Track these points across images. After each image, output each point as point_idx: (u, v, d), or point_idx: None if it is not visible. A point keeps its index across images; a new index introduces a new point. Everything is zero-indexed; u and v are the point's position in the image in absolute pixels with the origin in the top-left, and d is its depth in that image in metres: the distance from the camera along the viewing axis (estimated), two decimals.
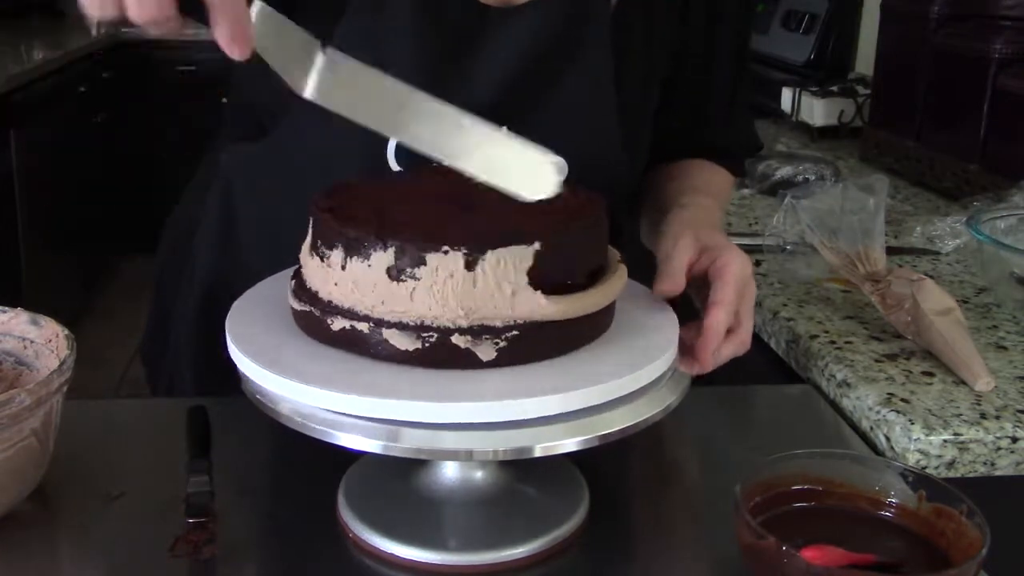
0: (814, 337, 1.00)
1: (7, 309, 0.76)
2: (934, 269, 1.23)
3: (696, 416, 0.86)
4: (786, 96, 1.96)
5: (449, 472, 0.71)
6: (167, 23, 0.52)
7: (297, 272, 0.71)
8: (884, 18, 1.70)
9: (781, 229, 1.13)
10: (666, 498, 0.79)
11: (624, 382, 0.64)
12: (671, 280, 0.77)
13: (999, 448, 0.83)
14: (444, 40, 0.83)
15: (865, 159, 1.75)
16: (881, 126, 1.72)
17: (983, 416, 0.84)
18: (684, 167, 1.01)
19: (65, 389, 0.69)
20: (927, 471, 0.80)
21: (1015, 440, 0.83)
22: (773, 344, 1.07)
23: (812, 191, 1.12)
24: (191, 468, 0.70)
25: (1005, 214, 1.13)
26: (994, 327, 1.04)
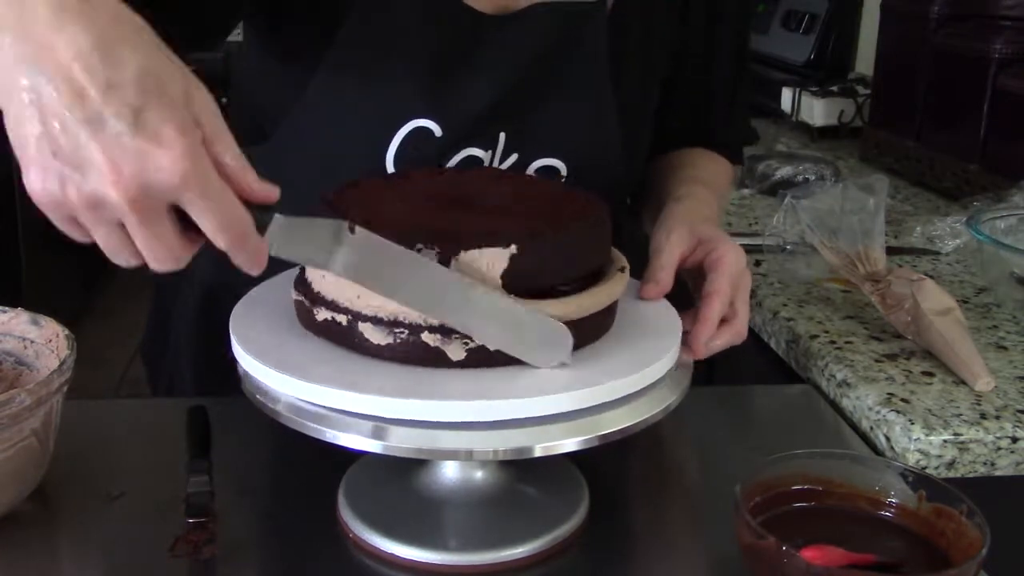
0: (814, 337, 1.00)
1: (7, 309, 0.76)
2: (934, 269, 1.23)
3: (696, 416, 0.86)
4: (786, 96, 1.96)
5: (449, 472, 0.71)
6: (184, 264, 0.57)
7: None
8: (884, 18, 1.70)
9: (781, 229, 1.13)
10: (666, 498, 0.79)
11: (625, 382, 0.64)
12: (655, 284, 0.78)
13: (999, 448, 0.83)
14: (444, 46, 0.83)
15: (865, 159, 1.75)
16: (881, 126, 1.72)
17: (983, 416, 0.84)
18: (683, 157, 1.01)
19: (65, 389, 0.69)
20: (927, 471, 0.80)
21: (1015, 440, 0.83)
22: (773, 344, 1.07)
23: (812, 191, 1.12)
24: (191, 468, 0.70)
25: (1005, 214, 1.13)
26: (994, 327, 1.04)
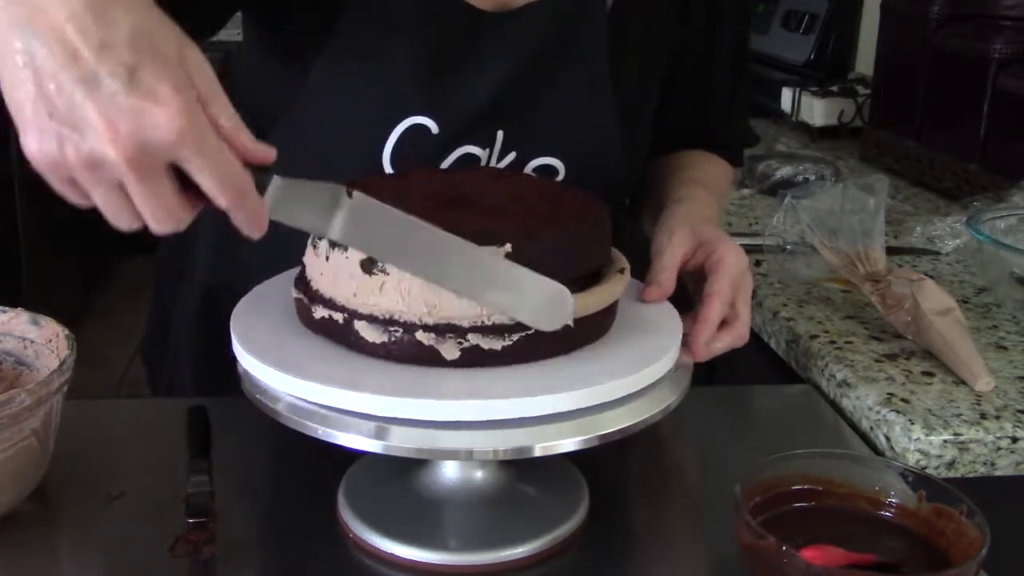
0: (814, 337, 1.00)
1: (7, 309, 0.76)
2: (934, 269, 1.23)
3: (696, 416, 0.86)
4: (786, 96, 1.96)
5: (449, 472, 0.71)
6: (185, 225, 0.56)
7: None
8: (884, 18, 1.70)
9: (781, 229, 1.13)
10: (666, 498, 0.79)
11: (625, 382, 0.64)
12: (657, 286, 0.77)
13: (999, 448, 0.83)
14: (442, 46, 0.83)
15: (865, 159, 1.75)
16: (881, 126, 1.72)
17: (983, 416, 0.84)
18: (683, 158, 1.01)
19: (65, 389, 0.69)
20: (927, 471, 0.80)
21: (1015, 440, 0.83)
22: (773, 344, 1.07)
23: (812, 191, 1.12)
24: (191, 468, 0.70)
25: (1005, 214, 1.13)
26: (994, 327, 1.04)
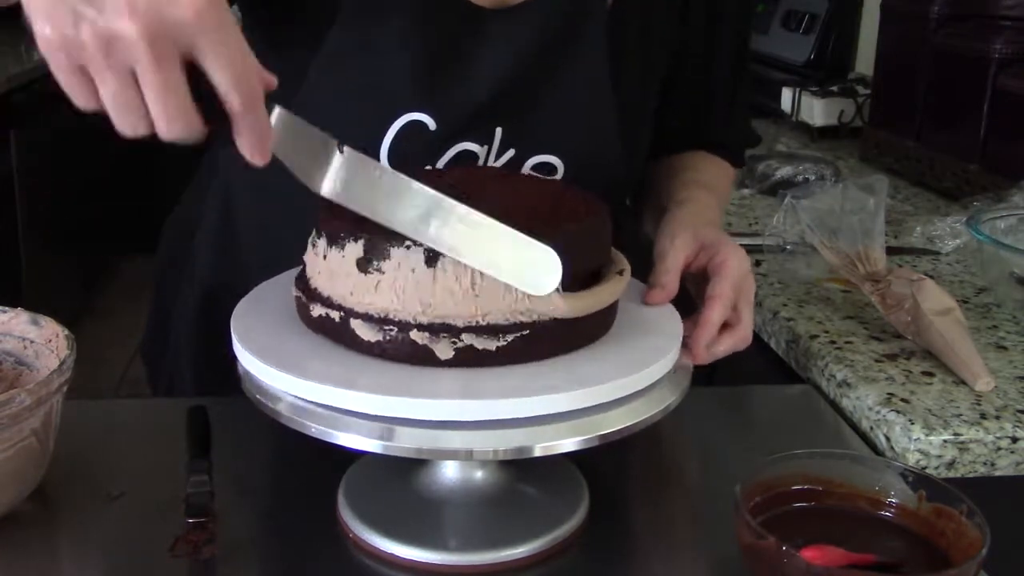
0: (814, 337, 1.00)
1: (7, 309, 0.76)
2: (934, 269, 1.23)
3: (696, 416, 0.86)
4: (786, 96, 1.96)
5: (449, 472, 0.71)
6: (194, 135, 0.54)
7: None
8: (884, 18, 1.70)
9: (781, 229, 1.13)
10: (666, 498, 0.79)
11: (625, 383, 0.64)
12: (660, 289, 0.77)
13: (999, 448, 0.83)
14: (440, 42, 0.83)
15: (865, 159, 1.75)
16: (881, 126, 1.72)
17: (983, 416, 0.84)
18: (684, 160, 1.01)
19: (65, 389, 0.69)
20: (927, 471, 0.80)
21: (1015, 440, 0.83)
22: (773, 344, 1.07)
23: (812, 191, 1.12)
24: (191, 468, 0.70)
25: (1005, 214, 1.13)
26: (994, 327, 1.04)
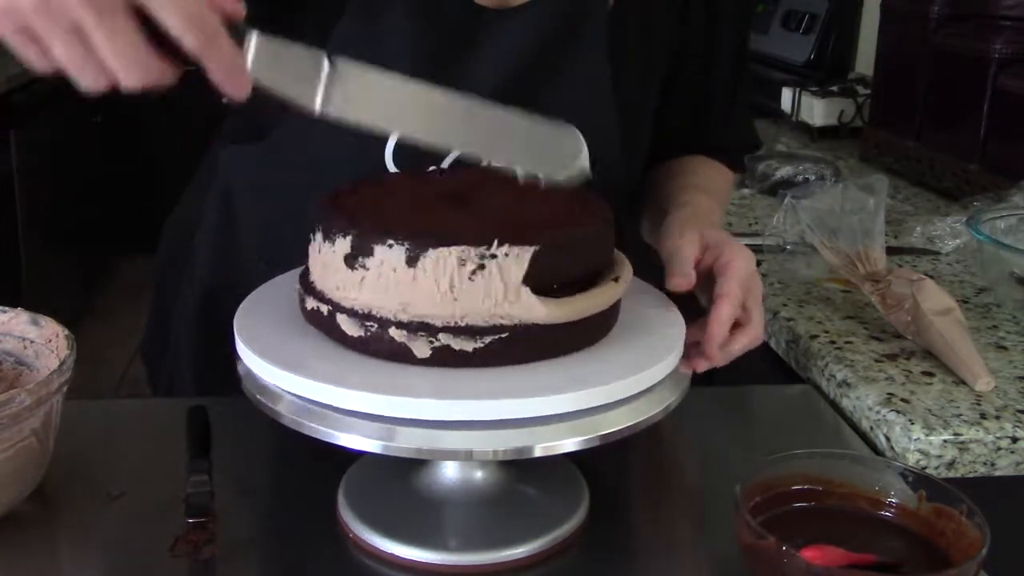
0: (814, 337, 1.00)
1: (7, 309, 0.76)
2: (934, 269, 1.23)
3: (696, 416, 0.86)
4: (786, 96, 1.96)
5: (449, 472, 0.71)
6: (162, 80, 0.52)
7: None
8: (884, 18, 1.70)
9: (781, 229, 1.13)
10: (666, 498, 0.79)
11: (626, 384, 0.64)
12: (683, 275, 0.76)
13: (999, 448, 0.83)
14: (441, 41, 0.83)
15: (865, 159, 1.75)
16: (881, 126, 1.72)
17: (983, 416, 0.84)
18: (684, 164, 1.01)
19: (65, 389, 0.69)
20: (927, 471, 0.80)
21: (1015, 440, 0.83)
22: (773, 344, 1.07)
23: (812, 191, 1.12)
24: (191, 468, 0.70)
25: (1005, 214, 1.13)
26: (994, 327, 1.04)
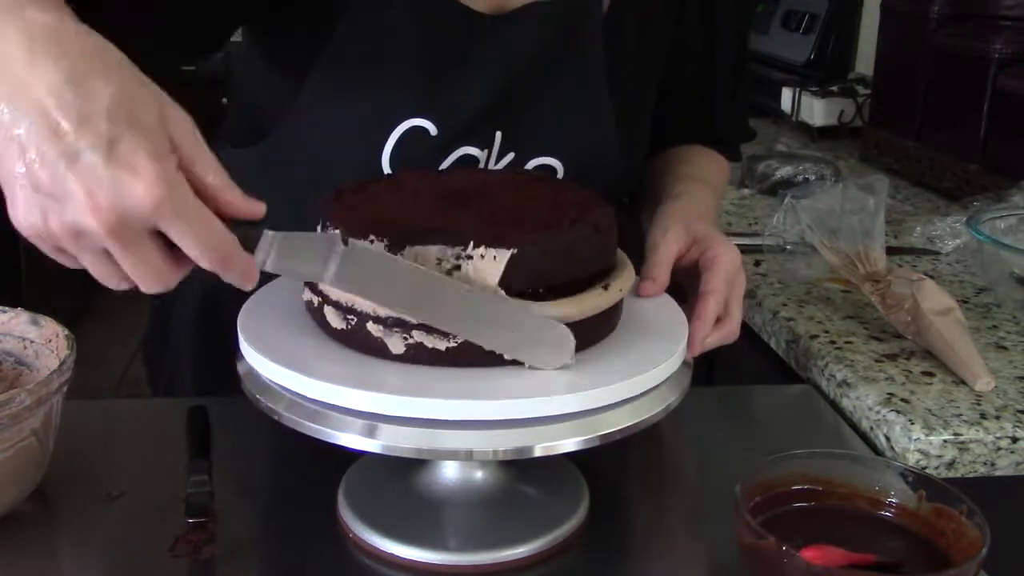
0: (814, 337, 1.00)
1: (7, 309, 0.76)
2: (934, 269, 1.23)
3: (696, 416, 0.86)
4: (786, 96, 1.96)
5: (449, 472, 0.71)
6: (176, 283, 0.57)
7: None
8: (884, 18, 1.70)
9: (781, 229, 1.13)
10: (666, 498, 0.79)
11: (627, 385, 0.64)
12: (652, 281, 0.78)
13: (999, 448, 0.83)
14: (440, 45, 0.83)
15: (865, 159, 1.75)
16: (881, 126, 1.72)
17: (983, 416, 0.84)
18: (681, 154, 1.02)
19: (65, 389, 0.69)
20: (927, 471, 0.80)
21: (1015, 440, 0.83)
22: (773, 344, 1.07)
23: (812, 191, 1.12)
24: (191, 468, 0.70)
25: (1005, 214, 1.13)
26: (994, 327, 1.04)
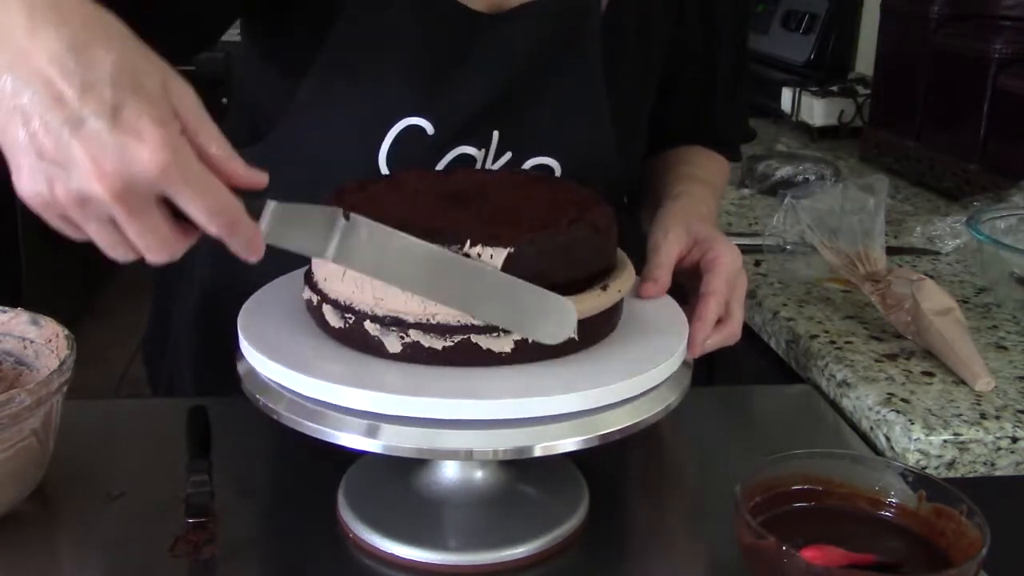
0: (814, 337, 1.00)
1: (7, 309, 0.76)
2: (934, 269, 1.23)
3: (696, 416, 0.86)
4: (786, 96, 1.96)
5: (449, 472, 0.71)
6: (182, 252, 0.58)
7: None
8: (884, 18, 1.70)
9: (781, 229, 1.13)
10: (666, 498, 0.79)
11: (627, 384, 0.64)
12: (653, 283, 0.78)
13: (999, 448, 0.83)
14: (437, 44, 0.83)
15: (865, 159, 1.75)
16: (881, 126, 1.72)
17: (983, 416, 0.84)
18: (680, 154, 1.02)
19: (65, 389, 0.69)
20: (927, 471, 0.80)
21: (1015, 440, 0.83)
22: (773, 344, 1.07)
23: (812, 191, 1.12)
24: (191, 468, 0.70)
25: (1005, 214, 1.13)
26: (994, 327, 1.04)
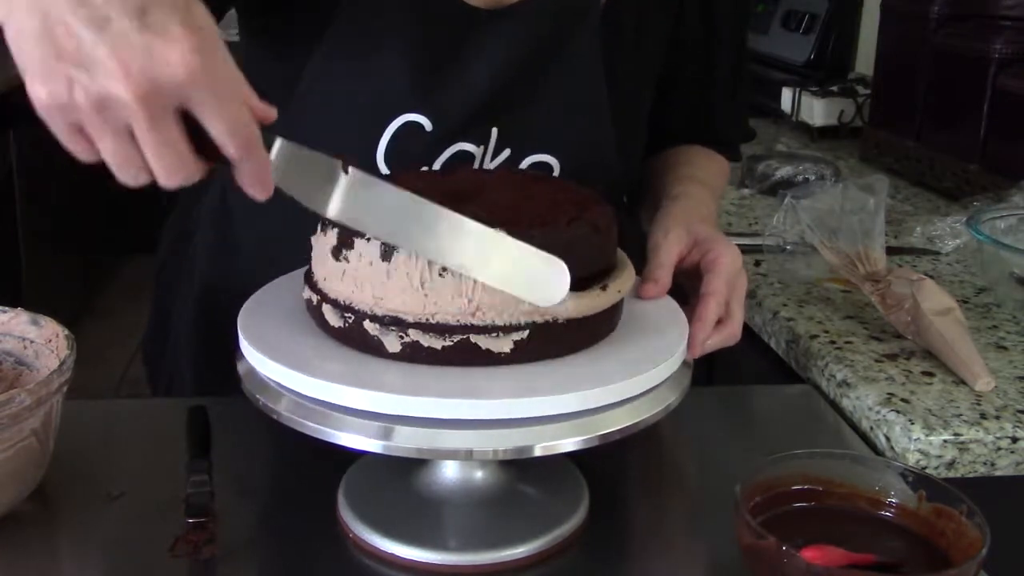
0: (814, 337, 1.00)
1: (7, 309, 0.76)
2: (934, 269, 1.23)
3: (696, 416, 0.86)
4: (786, 96, 1.96)
5: (449, 472, 0.71)
6: (195, 179, 0.56)
7: None
8: (884, 18, 1.70)
9: (781, 229, 1.13)
10: (666, 498, 0.79)
11: (627, 384, 0.64)
12: (654, 283, 0.78)
13: (999, 448, 0.83)
14: (436, 44, 0.83)
15: (865, 159, 1.75)
16: (881, 126, 1.72)
17: (983, 416, 0.84)
18: (680, 154, 1.02)
19: (65, 389, 0.69)
20: (927, 471, 0.80)
21: (1015, 440, 0.83)
22: (773, 344, 1.07)
23: (812, 191, 1.12)
24: (191, 468, 0.70)
25: (1005, 214, 1.13)
26: (994, 327, 1.04)
